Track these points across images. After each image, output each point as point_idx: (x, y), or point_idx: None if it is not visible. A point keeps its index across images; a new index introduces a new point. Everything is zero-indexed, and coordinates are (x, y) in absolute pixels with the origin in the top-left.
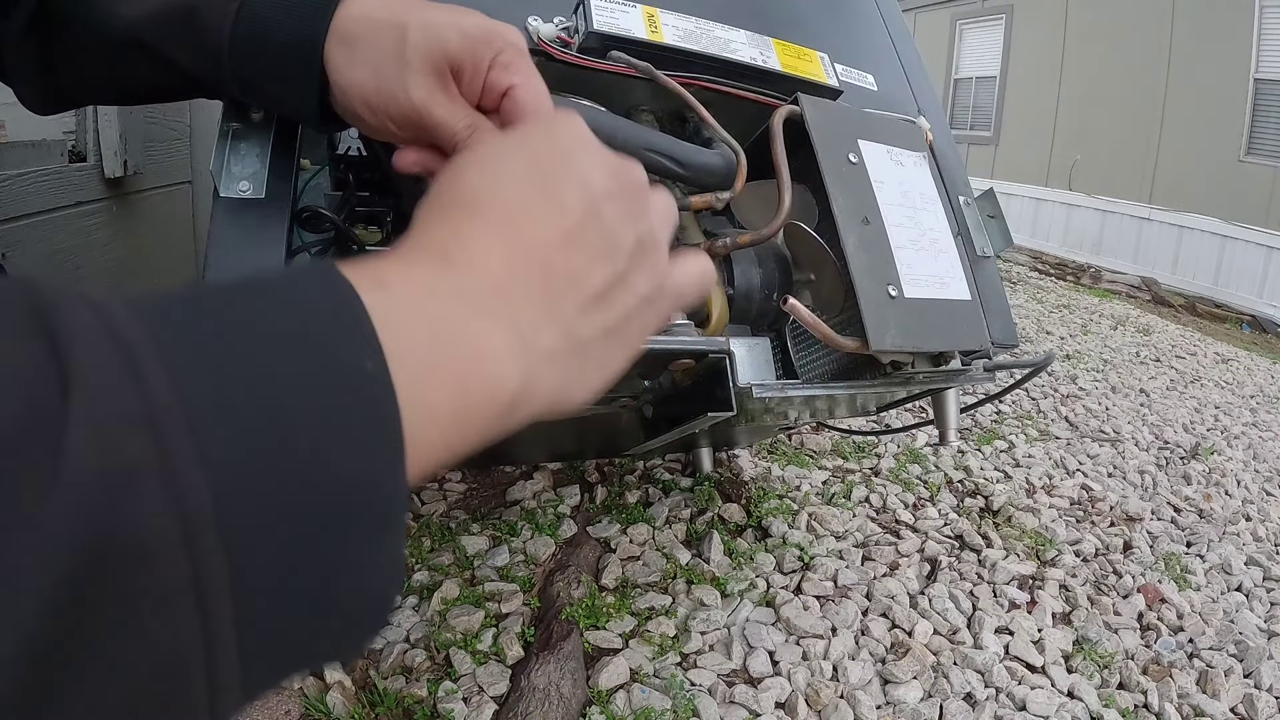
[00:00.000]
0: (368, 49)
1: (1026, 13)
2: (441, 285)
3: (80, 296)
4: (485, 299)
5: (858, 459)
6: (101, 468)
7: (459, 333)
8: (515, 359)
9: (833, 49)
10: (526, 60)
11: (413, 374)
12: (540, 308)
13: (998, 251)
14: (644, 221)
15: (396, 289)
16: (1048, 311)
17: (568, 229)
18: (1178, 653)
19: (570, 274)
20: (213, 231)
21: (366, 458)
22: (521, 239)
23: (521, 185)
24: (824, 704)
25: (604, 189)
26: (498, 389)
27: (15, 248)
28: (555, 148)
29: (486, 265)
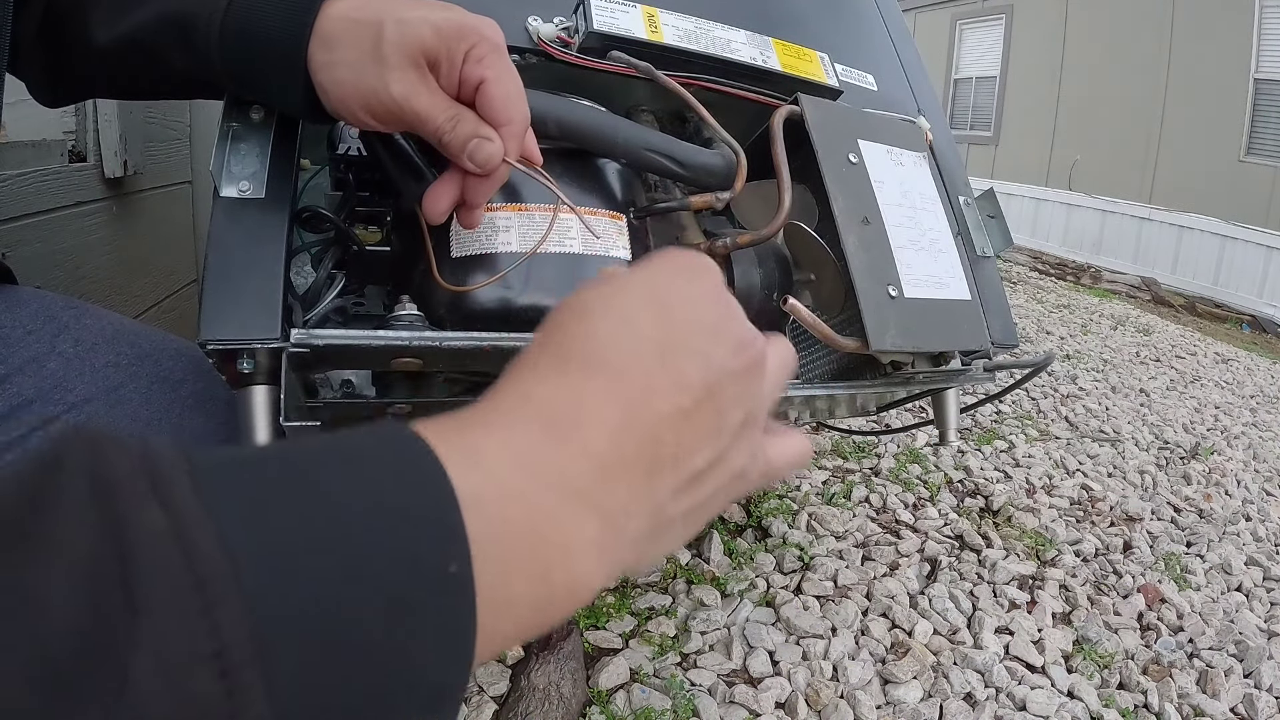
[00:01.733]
0: (346, 49)
1: (1026, 13)
2: (545, 466)
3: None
4: (588, 485)
5: (858, 459)
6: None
7: (553, 524)
8: (604, 553)
9: (833, 49)
10: (499, 54)
11: (497, 566)
12: (640, 493)
13: (998, 251)
14: (756, 400)
15: (494, 467)
16: (1048, 311)
17: (685, 407)
18: (1178, 653)
19: (675, 455)
20: (213, 231)
21: (436, 660)
22: (637, 413)
23: (648, 349)
24: (824, 704)
25: (727, 366)
26: (581, 584)
27: (15, 248)
28: (689, 308)
29: (596, 443)
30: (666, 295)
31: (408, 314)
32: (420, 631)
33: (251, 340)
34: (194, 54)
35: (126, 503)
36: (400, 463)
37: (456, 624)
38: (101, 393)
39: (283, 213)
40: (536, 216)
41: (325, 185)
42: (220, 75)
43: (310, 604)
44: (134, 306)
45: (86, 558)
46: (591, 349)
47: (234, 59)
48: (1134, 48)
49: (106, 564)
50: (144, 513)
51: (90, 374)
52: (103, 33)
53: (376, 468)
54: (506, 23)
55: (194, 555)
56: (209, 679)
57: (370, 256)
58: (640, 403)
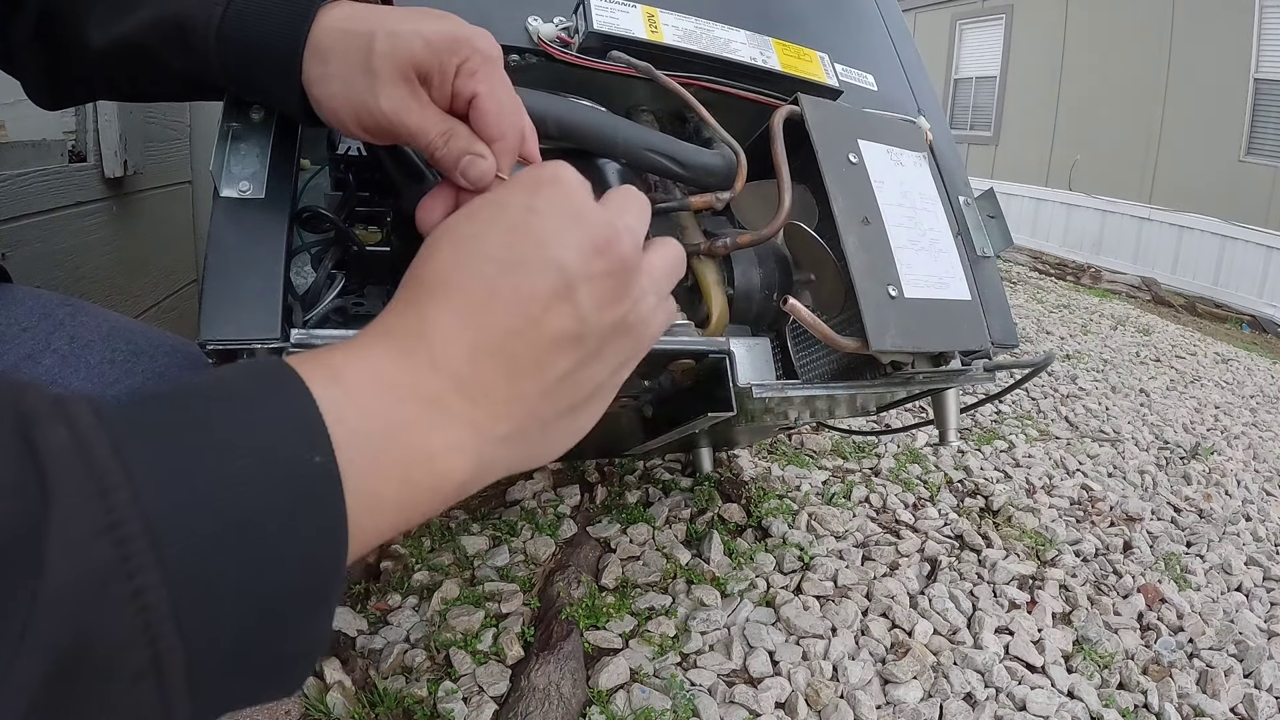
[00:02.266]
0: (338, 62)
1: (1026, 13)
2: (398, 381)
3: (58, 409)
4: (441, 394)
5: (858, 459)
6: (75, 575)
7: (409, 430)
8: (467, 452)
9: (833, 49)
10: (493, 67)
11: (361, 468)
12: (500, 399)
13: (998, 251)
14: (626, 300)
15: (352, 384)
16: (1048, 311)
17: (535, 316)
18: (1178, 653)
19: (534, 361)
20: (213, 231)
21: (311, 546)
22: (487, 328)
23: (492, 268)
24: (824, 704)
25: (581, 271)
26: (444, 480)
27: (15, 248)
28: (533, 222)
29: (446, 357)
30: (512, 212)
31: None
32: (294, 514)
33: (251, 340)
34: (192, 56)
35: (40, 427)
36: (269, 382)
37: (326, 507)
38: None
39: (283, 213)
40: None
41: (325, 185)
42: (219, 78)
43: (192, 490)
44: (134, 306)
45: (9, 470)
46: (436, 275)
47: (231, 64)
48: (1134, 48)
49: (26, 473)
50: (53, 432)
51: (85, 370)
52: (99, 35)
53: (247, 386)
54: (506, 23)
55: (91, 459)
56: (107, 548)
57: (370, 256)
58: (489, 316)
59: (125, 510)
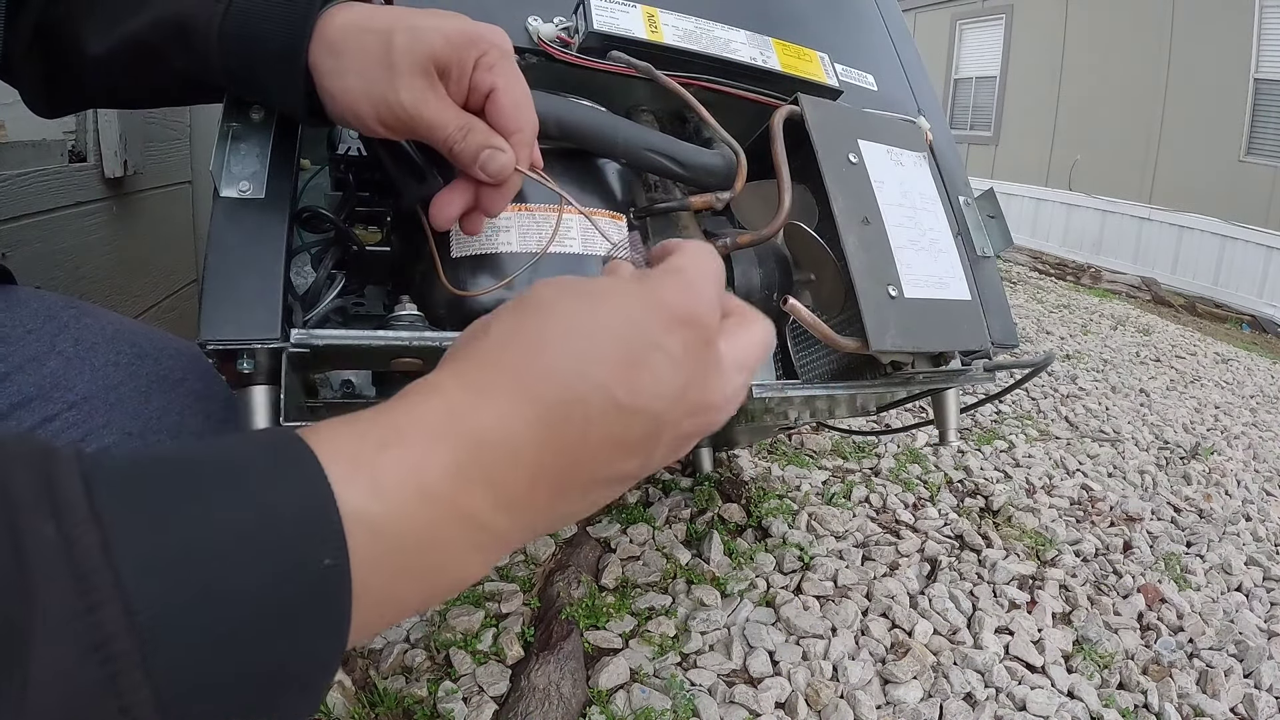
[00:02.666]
0: (355, 57)
1: (1026, 13)
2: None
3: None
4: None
5: (858, 459)
6: (60, 694)
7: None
8: (493, 557)
9: (833, 49)
10: (509, 62)
11: (380, 576)
12: (541, 517)
13: (998, 251)
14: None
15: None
16: (1048, 311)
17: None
18: (1178, 653)
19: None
20: (213, 231)
21: (308, 649)
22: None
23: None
24: (824, 704)
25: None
26: (464, 583)
27: (15, 248)
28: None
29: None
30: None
31: (408, 314)
32: (295, 618)
33: (251, 340)
34: (193, 56)
35: (26, 517)
36: (286, 466)
37: (330, 612)
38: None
39: (283, 213)
40: (536, 215)
41: (325, 185)
42: (219, 77)
43: (187, 602)
44: (134, 306)
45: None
46: (535, 370)
47: (233, 62)
48: (1134, 48)
49: (9, 571)
50: (38, 525)
51: (90, 373)
52: (96, 43)
53: (262, 467)
54: (507, 23)
55: (79, 566)
56: (95, 669)
57: (370, 256)
58: (568, 443)
59: (114, 627)
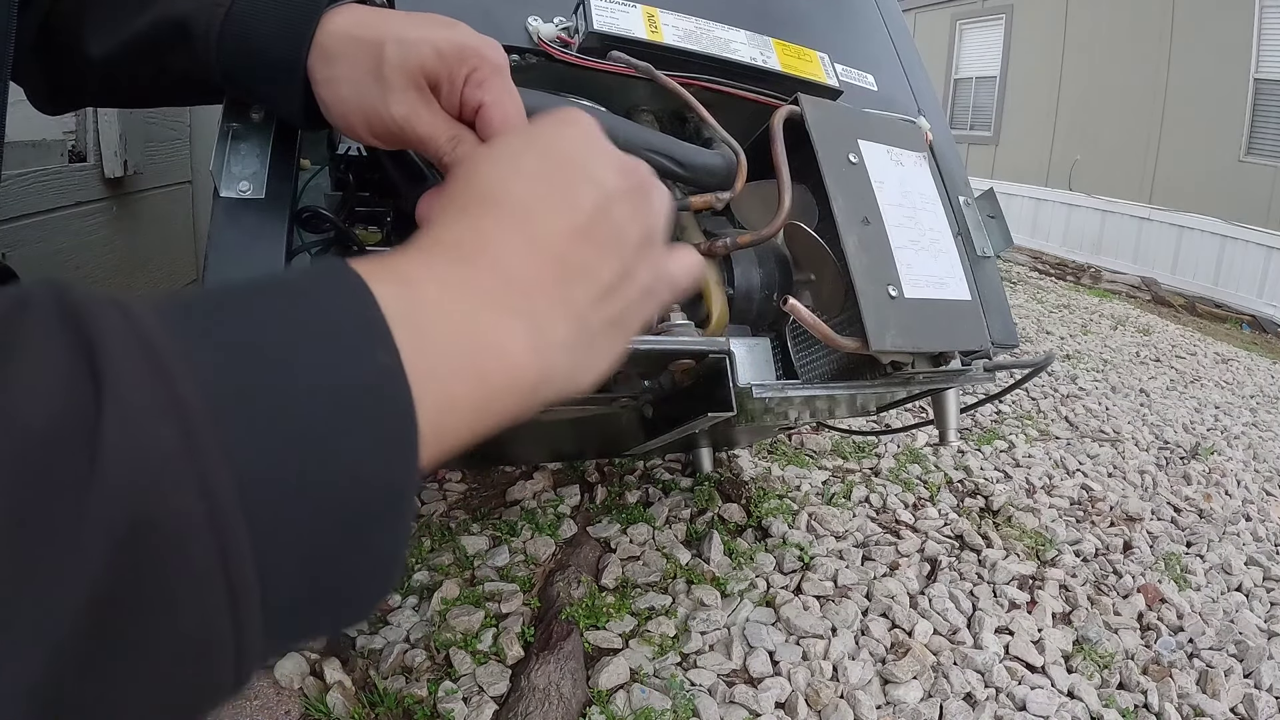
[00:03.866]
0: (347, 67)
1: (1026, 13)
2: (462, 282)
3: (109, 300)
4: (504, 295)
5: (858, 459)
6: (134, 457)
7: (480, 327)
8: (534, 350)
9: (833, 49)
10: (500, 77)
11: (432, 367)
12: (556, 301)
13: (998, 251)
14: (649, 218)
15: (418, 285)
16: (1048, 311)
17: (581, 225)
18: (1178, 653)
19: (583, 268)
20: (213, 231)
21: (379, 448)
22: (538, 235)
23: (537, 182)
24: (824, 704)
25: (614, 187)
26: (518, 378)
27: (15, 248)
28: (568, 145)
29: (505, 262)
30: (545, 138)
31: None
32: (359, 411)
33: None
34: (193, 58)
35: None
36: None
37: (392, 405)
38: None
39: (283, 213)
40: None
41: (325, 185)
42: (219, 79)
43: (252, 378)
44: None
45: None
46: (485, 191)
47: (232, 66)
48: (1134, 48)
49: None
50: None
51: None
52: (99, 43)
53: (308, 283)
54: (506, 23)
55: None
56: (169, 434)
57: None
58: (538, 224)
59: (187, 388)
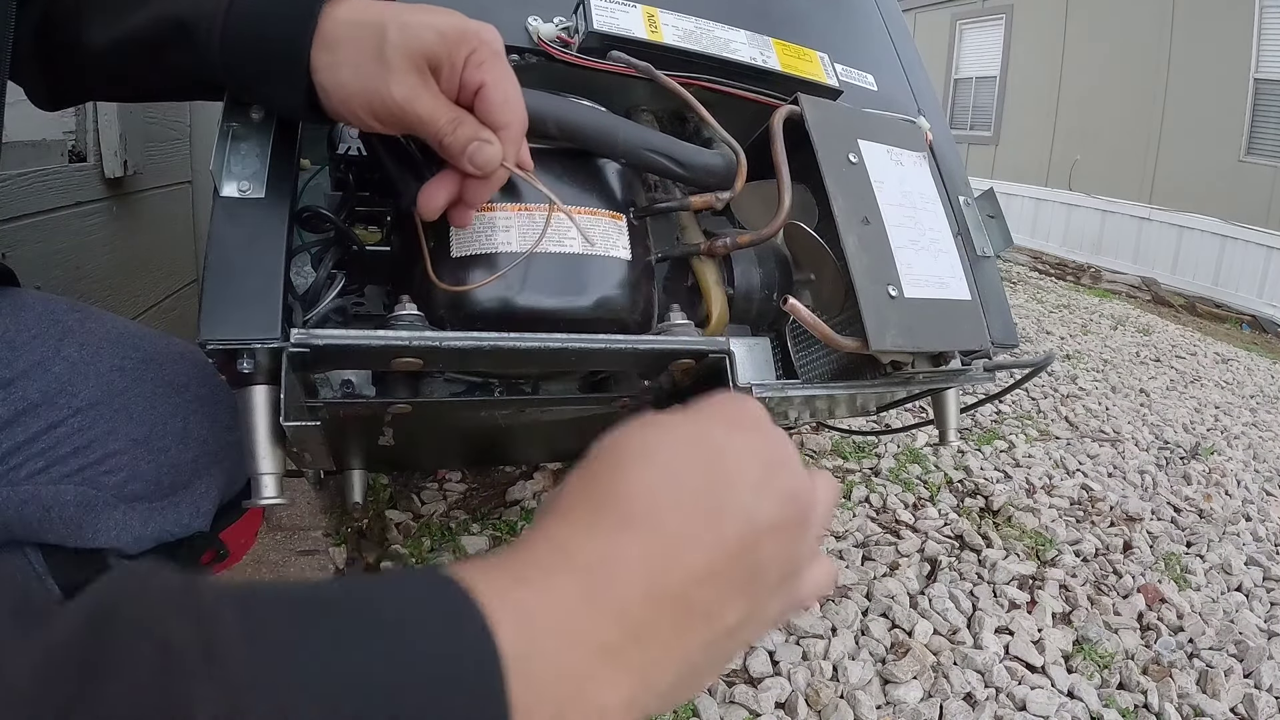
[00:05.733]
0: (349, 52)
1: (1026, 13)
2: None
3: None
4: (621, 646)
5: (858, 459)
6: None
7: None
8: (634, 707)
9: (833, 49)
10: (499, 59)
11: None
12: (669, 649)
13: (998, 251)
14: (795, 553)
15: (541, 630)
16: (1048, 311)
17: (718, 568)
18: (1178, 653)
19: (707, 613)
20: (213, 231)
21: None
22: (671, 573)
23: (686, 504)
24: (824, 704)
25: (770, 522)
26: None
27: (15, 248)
28: (735, 461)
29: (629, 605)
30: (711, 444)
31: (408, 314)
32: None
33: (251, 340)
34: (194, 53)
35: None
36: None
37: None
38: (106, 397)
39: (283, 213)
40: (537, 216)
41: (325, 185)
42: (220, 74)
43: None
44: (134, 306)
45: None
46: (627, 501)
47: (234, 60)
48: (1134, 48)
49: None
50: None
51: (95, 378)
52: (98, 39)
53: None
54: (507, 23)
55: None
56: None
57: (370, 256)
58: (673, 560)
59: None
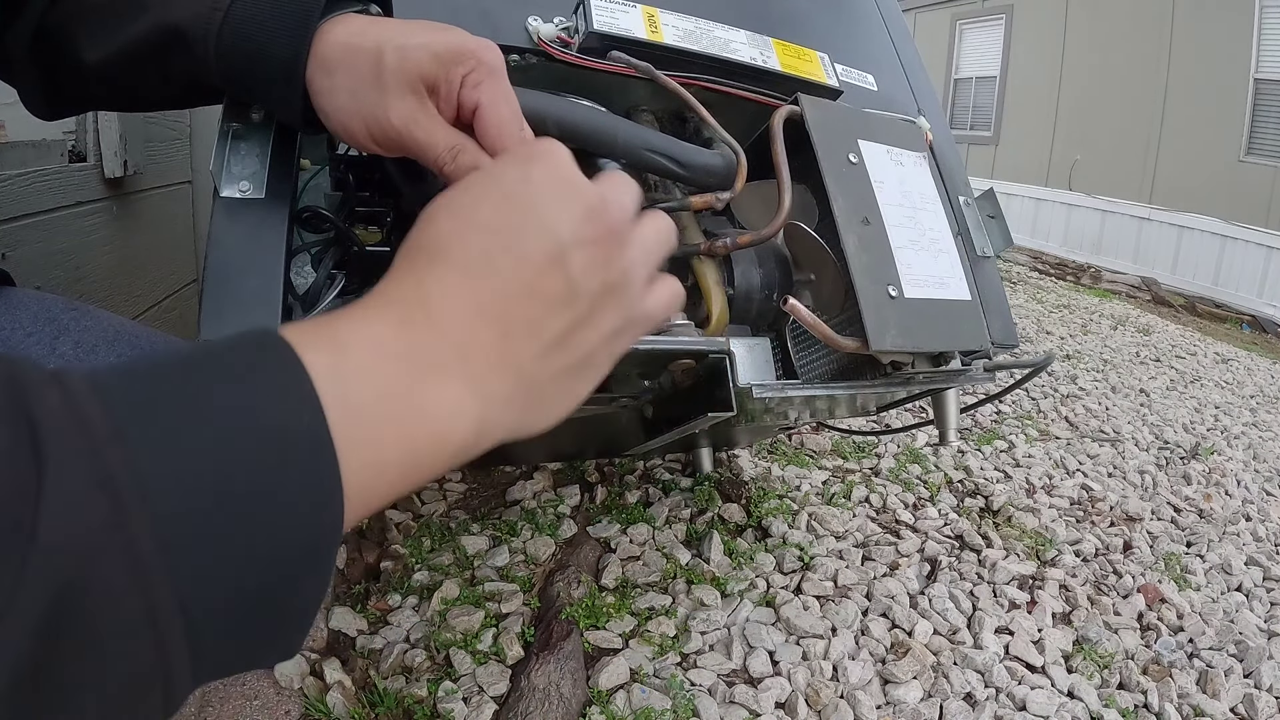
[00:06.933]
0: (346, 75)
1: (1026, 13)
2: (397, 345)
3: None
4: (440, 358)
5: (858, 459)
6: (70, 526)
7: (409, 394)
8: (467, 413)
9: (833, 49)
10: (496, 78)
11: (359, 434)
12: (496, 359)
13: (998, 251)
14: (615, 265)
15: (350, 351)
16: (1048, 311)
17: (528, 280)
18: (1178, 653)
19: (528, 323)
20: (213, 231)
21: (302, 511)
22: (481, 291)
23: (487, 233)
24: (824, 704)
25: (573, 236)
26: (446, 441)
27: (15, 248)
28: (527, 191)
29: (443, 323)
30: (505, 181)
31: None
32: (283, 478)
33: None
34: (191, 63)
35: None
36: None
37: (317, 471)
38: None
39: (283, 213)
40: None
41: (325, 185)
42: (218, 82)
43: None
44: (134, 306)
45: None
46: (434, 243)
47: (231, 70)
48: (1134, 48)
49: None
50: (48, 395)
51: None
52: (95, 49)
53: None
54: (507, 23)
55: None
56: (101, 506)
57: (370, 256)
58: (483, 279)
59: (118, 466)
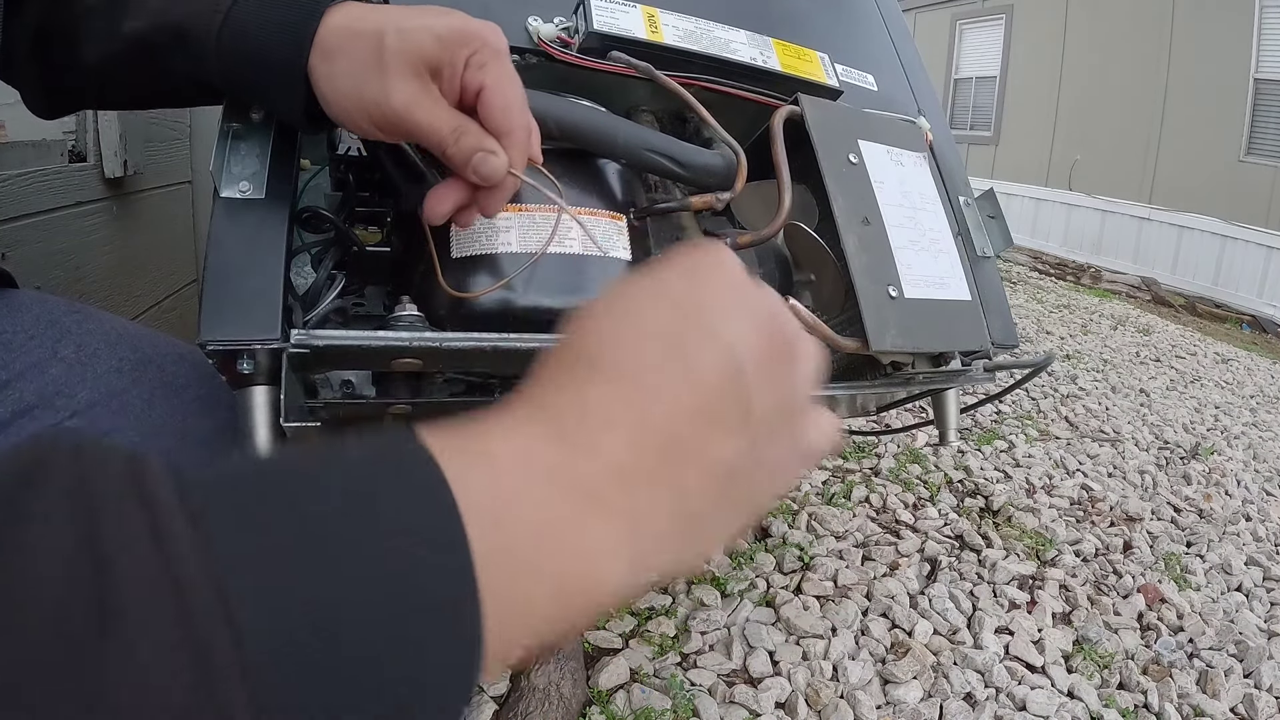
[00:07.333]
0: (347, 59)
1: (1026, 13)
2: (554, 468)
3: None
4: (601, 488)
5: (858, 459)
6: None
7: (566, 526)
8: (624, 555)
9: (833, 49)
10: (500, 60)
11: (505, 570)
12: (660, 492)
13: (998, 252)
14: (787, 384)
15: (503, 469)
16: (1048, 311)
17: (701, 403)
18: (1178, 653)
19: (698, 448)
20: (213, 231)
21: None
22: (650, 413)
23: (657, 347)
24: (824, 704)
25: (750, 353)
26: (600, 587)
27: (15, 248)
28: (700, 299)
29: (606, 446)
30: (676, 288)
31: (408, 315)
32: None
33: (251, 341)
34: (191, 62)
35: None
36: (398, 471)
37: (459, 631)
38: (104, 398)
39: (283, 213)
40: (536, 217)
41: (325, 185)
42: (219, 81)
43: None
44: (134, 307)
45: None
46: (595, 352)
47: (232, 68)
48: (1134, 48)
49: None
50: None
51: (93, 379)
52: (95, 48)
53: (372, 477)
54: (507, 23)
55: (173, 559)
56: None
57: (370, 257)
58: (652, 400)
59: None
